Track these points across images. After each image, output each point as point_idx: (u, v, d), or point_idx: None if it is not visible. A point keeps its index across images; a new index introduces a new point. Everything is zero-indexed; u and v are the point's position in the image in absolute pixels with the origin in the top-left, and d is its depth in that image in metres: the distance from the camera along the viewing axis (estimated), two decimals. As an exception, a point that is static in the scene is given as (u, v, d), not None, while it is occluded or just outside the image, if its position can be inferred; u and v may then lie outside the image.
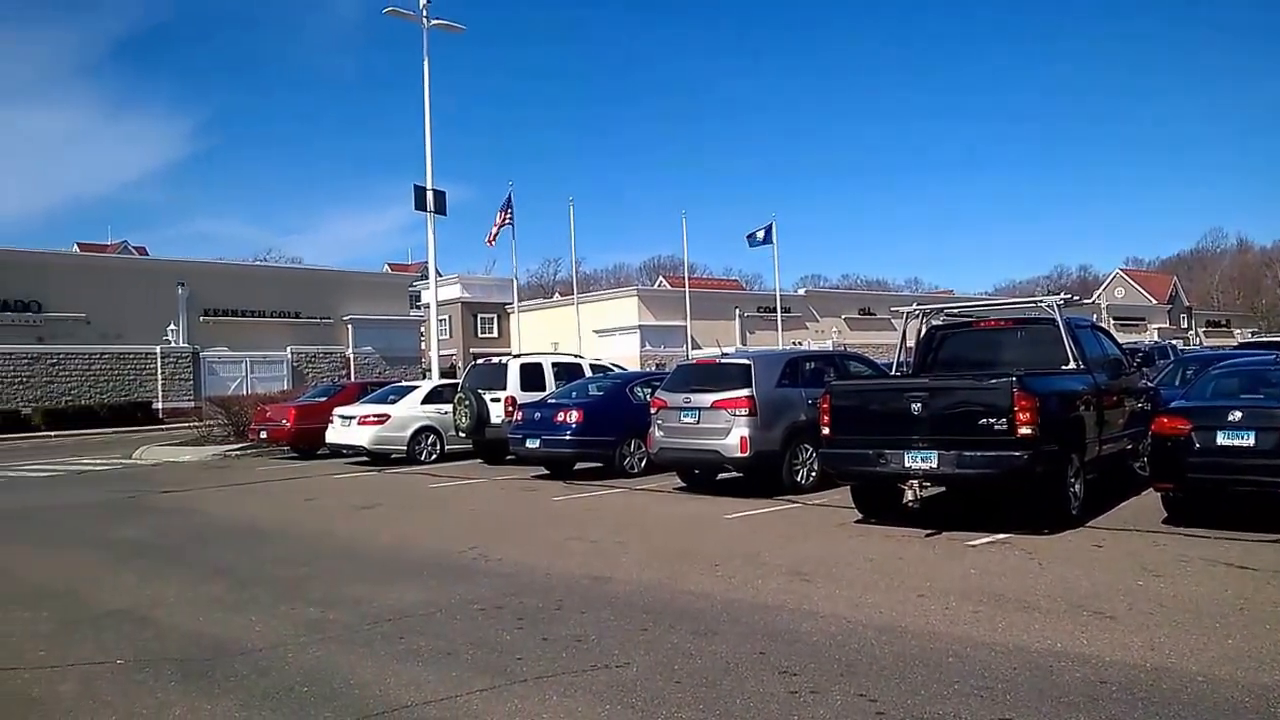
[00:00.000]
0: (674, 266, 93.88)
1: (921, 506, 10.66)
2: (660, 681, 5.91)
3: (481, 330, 74.42)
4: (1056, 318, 12.16)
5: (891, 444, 10.68)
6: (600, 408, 17.90)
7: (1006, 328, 13.32)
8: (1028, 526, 10.38)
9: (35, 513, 15.76)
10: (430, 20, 29.95)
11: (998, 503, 11.50)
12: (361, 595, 8.71)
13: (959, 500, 12.33)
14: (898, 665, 6.07)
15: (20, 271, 43.18)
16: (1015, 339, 12.98)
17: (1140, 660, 6.06)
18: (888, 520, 11.26)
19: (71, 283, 44.26)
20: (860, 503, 11.86)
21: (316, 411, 24.59)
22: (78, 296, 43.94)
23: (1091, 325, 13.49)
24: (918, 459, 10.44)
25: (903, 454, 10.54)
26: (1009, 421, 9.98)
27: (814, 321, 70.39)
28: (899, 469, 10.58)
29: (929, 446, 10.41)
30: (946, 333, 13.67)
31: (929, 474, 10.48)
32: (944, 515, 11.40)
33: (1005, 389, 10.10)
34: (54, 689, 6.26)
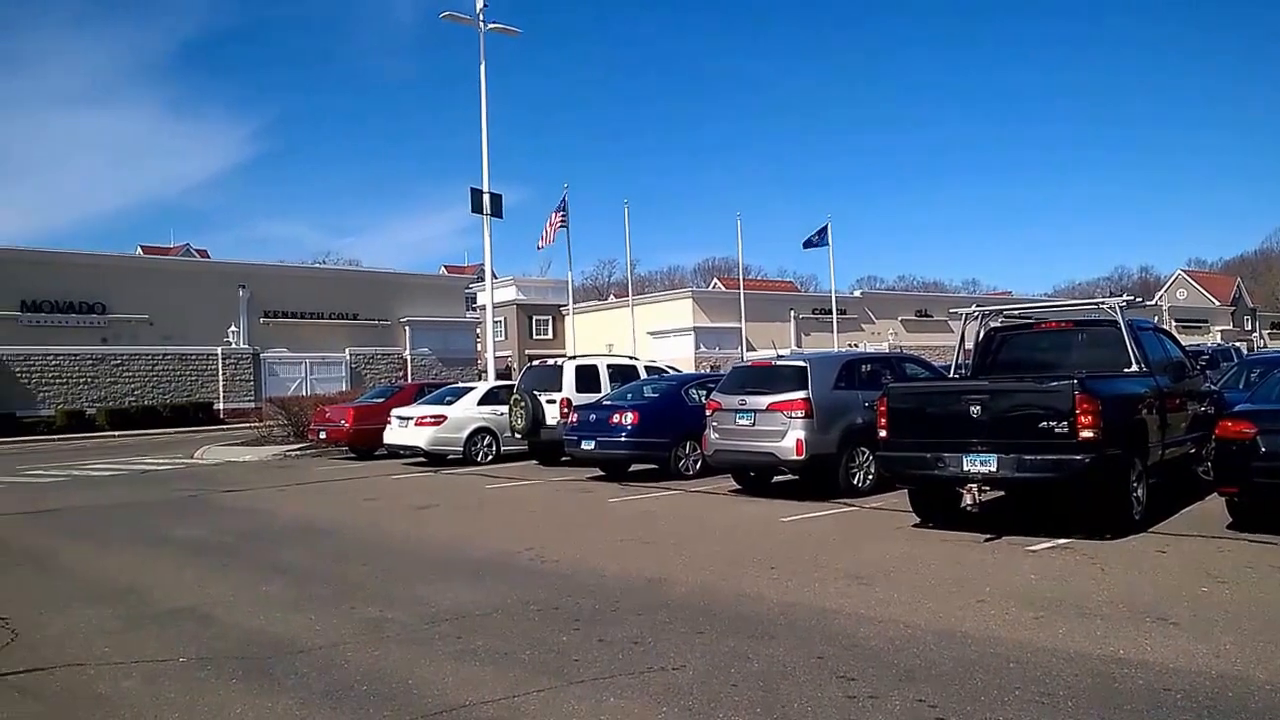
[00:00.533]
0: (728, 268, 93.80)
1: (980, 510, 10.50)
2: (716, 685, 5.89)
3: (536, 332, 74.71)
4: (1119, 319, 11.96)
5: (950, 447, 10.54)
6: (655, 410, 17.91)
7: (1067, 329, 13.17)
8: (1089, 531, 10.22)
9: (100, 511, 16.06)
10: (486, 24, 30.21)
11: (1058, 507, 11.35)
12: (420, 595, 8.78)
13: (1018, 504, 12.18)
14: (958, 671, 6.00)
15: (85, 274, 44.14)
16: (1076, 341, 12.81)
17: (1205, 668, 5.94)
18: (945, 524, 11.13)
19: (135, 285, 45.17)
20: (918, 506, 11.70)
21: (374, 412, 24.84)
22: (141, 298, 44.82)
23: (1154, 327, 13.25)
24: (976, 462, 10.30)
25: (961, 457, 10.40)
26: (1070, 424, 9.81)
27: (870, 323, 69.94)
28: (957, 472, 10.44)
29: (988, 450, 10.25)
30: (1006, 334, 13.48)
31: (988, 478, 10.32)
32: (1003, 519, 11.26)
33: (1067, 391, 9.93)
34: (118, 686, 6.36)
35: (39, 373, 41.59)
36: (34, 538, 13.26)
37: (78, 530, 13.96)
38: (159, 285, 46.13)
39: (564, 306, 63.36)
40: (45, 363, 41.79)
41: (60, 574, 10.62)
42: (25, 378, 41.22)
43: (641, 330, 55.79)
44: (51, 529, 14.12)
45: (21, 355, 41.23)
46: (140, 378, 44.06)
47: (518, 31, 31.41)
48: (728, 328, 63.06)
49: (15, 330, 41.80)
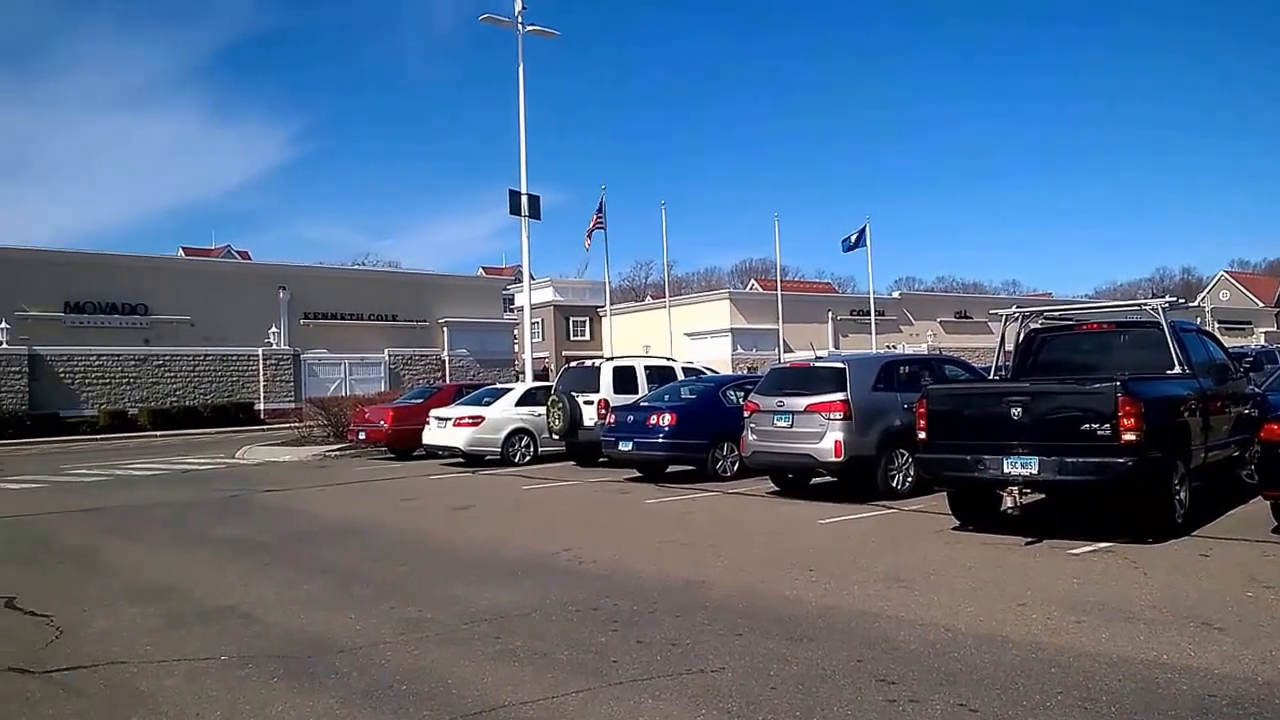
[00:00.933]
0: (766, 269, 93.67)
1: (1020, 513, 10.39)
2: (755, 687, 5.87)
3: (573, 333, 74.97)
4: (1161, 321, 11.80)
5: (990, 449, 10.42)
6: (693, 411, 17.89)
7: (1108, 331, 13.04)
8: (1131, 535, 10.09)
9: (142, 510, 16.25)
10: (525, 27, 30.28)
11: (1099, 510, 11.23)
12: (458, 595, 8.81)
13: (1059, 507, 12.05)
14: (999, 675, 5.95)
15: (128, 275, 44.72)
16: (1117, 343, 12.69)
17: (1251, 674, 5.85)
18: (985, 527, 11.04)
19: (177, 286, 45.71)
20: (957, 509, 11.61)
21: (413, 413, 24.96)
22: (183, 299, 45.36)
23: (1196, 329, 13.09)
24: (1017, 465, 10.18)
25: (1002, 460, 10.28)
26: (1113, 427, 9.67)
27: (908, 325, 69.60)
28: (998, 475, 10.32)
29: (1029, 452, 10.12)
30: (1046, 336, 13.37)
31: (1029, 480, 10.19)
32: (1043, 522, 11.14)
33: (1109, 394, 9.79)
34: (161, 683, 6.42)
35: (82, 373, 42.12)
36: (77, 536, 13.43)
37: (120, 529, 14.12)
38: (201, 286, 46.65)
39: (601, 308, 63.40)
40: (88, 363, 42.32)
41: (103, 572, 10.74)
42: (69, 378, 41.76)
43: (678, 331, 55.83)
44: (94, 528, 14.30)
45: (65, 355, 41.78)
46: (182, 378, 44.52)
47: (556, 34, 31.46)
48: (765, 329, 62.99)
49: (59, 331, 42.38)
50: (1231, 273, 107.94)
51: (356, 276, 58.54)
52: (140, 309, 44.58)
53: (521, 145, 30.45)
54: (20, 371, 40.34)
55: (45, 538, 13.34)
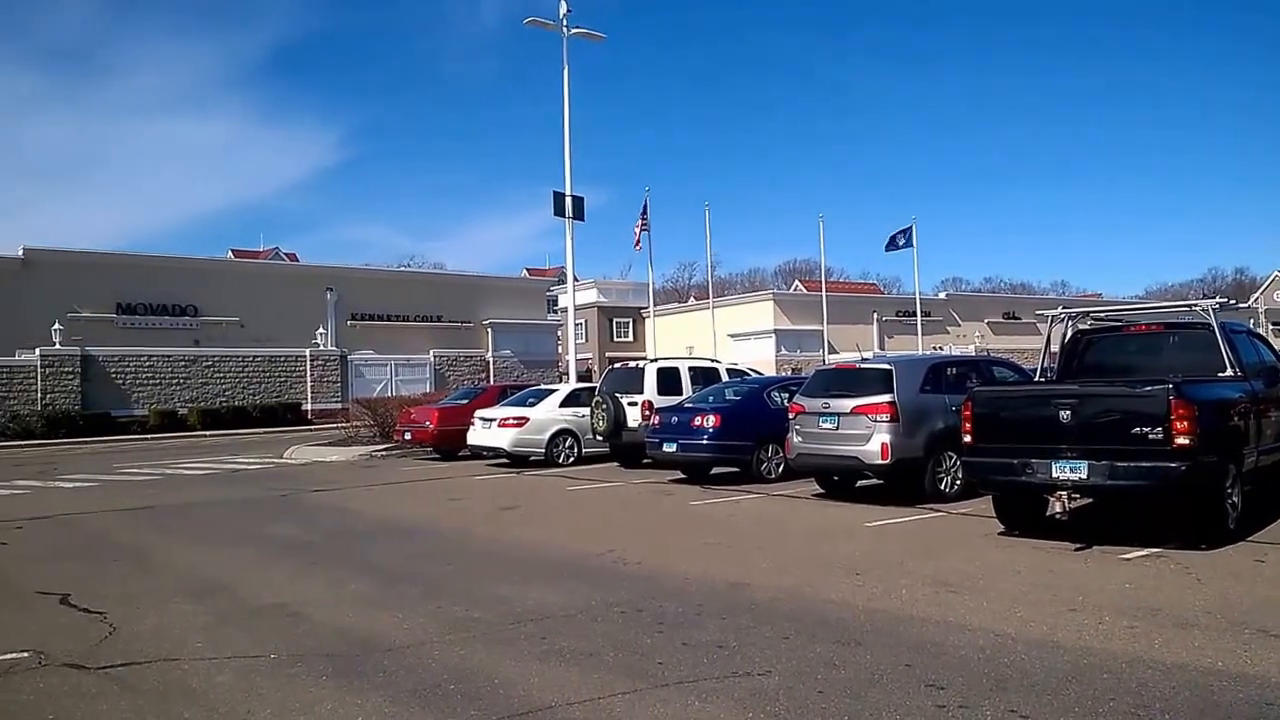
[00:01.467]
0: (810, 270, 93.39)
1: (1068, 519, 10.23)
2: (803, 691, 5.83)
3: (617, 334, 75.03)
4: (1212, 322, 11.55)
5: (1038, 453, 10.22)
6: (738, 412, 17.84)
7: (1156, 332, 12.81)
8: (1182, 542, 9.90)
9: (192, 509, 16.45)
10: (570, 29, 30.31)
11: (1149, 516, 11.05)
12: (504, 595, 8.83)
13: (1107, 512, 11.87)
14: (1050, 681, 5.87)
15: (178, 276, 45.41)
16: (1166, 344, 12.46)
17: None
18: (1031, 532, 10.90)
19: (226, 287, 46.33)
20: (1002, 514, 11.41)
21: (458, 414, 25.06)
22: (232, 301, 45.96)
23: (1247, 330, 12.85)
24: (1066, 469, 9.99)
25: (1050, 464, 10.09)
26: (1165, 431, 9.44)
27: (955, 326, 69.05)
28: (1046, 479, 10.13)
29: (1078, 456, 9.92)
30: (1093, 337, 13.16)
31: (1078, 485, 10.00)
32: (1091, 527, 10.96)
33: (1162, 396, 9.54)
34: (212, 680, 6.48)
35: (133, 373, 42.73)
36: (129, 534, 13.61)
37: (171, 527, 14.30)
38: (250, 288, 47.26)
39: (644, 309, 63.50)
40: (139, 363, 42.92)
41: (155, 570, 10.87)
42: (120, 378, 42.38)
43: (722, 332, 55.67)
44: (146, 526, 14.49)
45: (117, 356, 42.41)
46: (231, 379, 45.05)
47: (602, 37, 31.49)
48: (809, 330, 62.72)
49: (111, 332, 43.07)
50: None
51: (402, 278, 59.08)
52: (190, 310, 45.22)
53: (566, 147, 30.57)
54: (73, 372, 41.00)
55: (98, 535, 13.53)
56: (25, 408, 39.58)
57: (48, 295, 41.43)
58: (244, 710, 5.86)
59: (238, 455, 28.98)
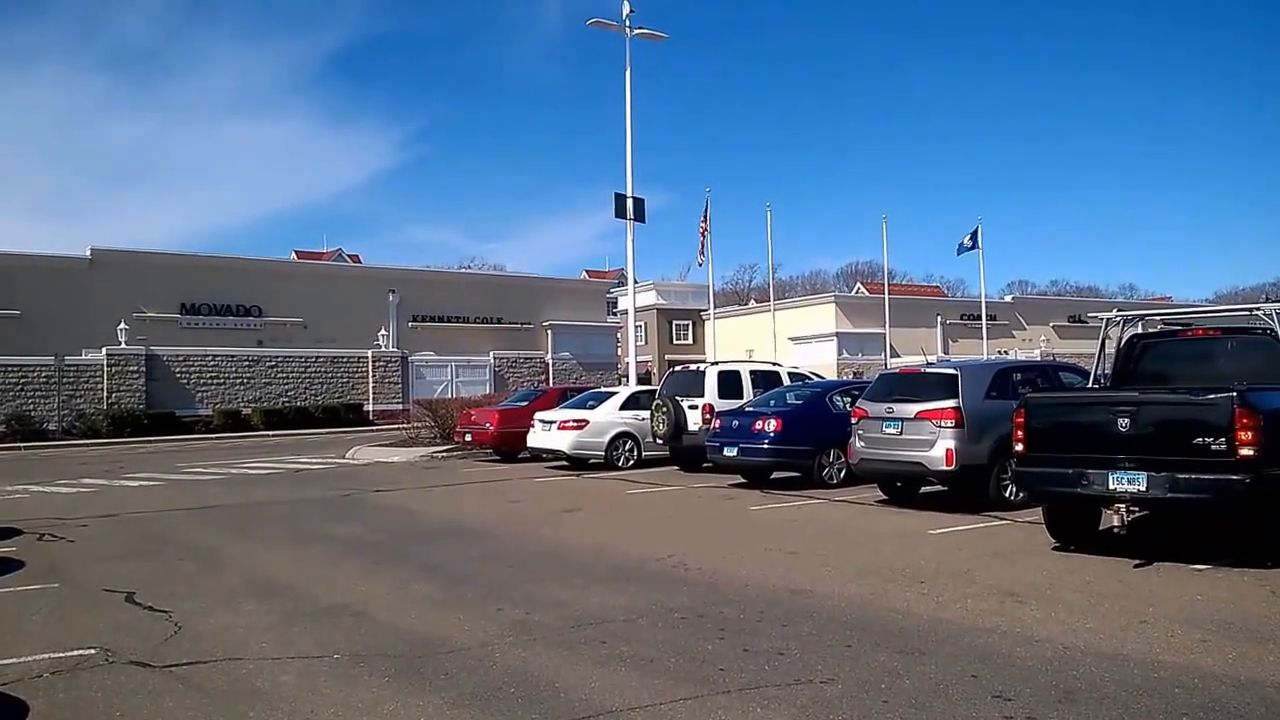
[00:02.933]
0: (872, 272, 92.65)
1: (1126, 533, 9.81)
2: (868, 700, 5.75)
3: (676, 337, 75.02)
4: (1275, 327, 11.02)
5: (1094, 463, 9.82)
6: (799, 417, 17.71)
7: (1215, 337, 12.29)
8: (1247, 558, 9.48)
9: (256, 509, 16.68)
10: (633, 30, 30.29)
11: (1209, 531, 10.72)
12: (565, 598, 8.84)
13: (1164, 526, 11.51)
14: (1120, 694, 5.74)
15: (242, 277, 46.15)
16: (1225, 350, 11.96)
17: (1397, 703, 5.55)
18: (1086, 547, 10.53)
19: (289, 288, 47.03)
20: (1055, 527, 10.96)
21: (518, 416, 25.15)
22: (295, 302, 46.62)
23: None
24: (1124, 480, 9.56)
25: (1107, 475, 9.67)
26: (1229, 441, 8.98)
27: (1021, 330, 68.13)
28: (1102, 491, 9.73)
29: (1136, 467, 9.49)
30: (1149, 342, 12.73)
31: (1136, 497, 9.55)
32: (1150, 543, 10.64)
33: (1225, 405, 9.10)
34: (276, 680, 6.54)
35: (197, 373, 43.35)
36: (194, 534, 13.81)
37: (236, 527, 14.50)
38: (312, 289, 47.90)
39: (704, 311, 63.41)
40: (203, 364, 43.54)
41: (219, 569, 11.01)
42: (184, 378, 43.03)
43: (782, 335, 55.44)
44: (211, 525, 14.70)
45: (181, 356, 43.07)
46: (294, 379, 45.58)
47: (664, 36, 31.42)
48: (871, 333, 62.18)
49: (175, 332, 43.84)
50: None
51: (462, 280, 59.50)
52: (254, 311, 45.93)
53: (628, 148, 30.51)
54: (138, 371, 41.70)
55: (163, 534, 13.74)
56: (91, 407, 40.26)
57: (114, 295, 42.23)
58: (307, 710, 5.90)
59: (300, 455, 29.33)
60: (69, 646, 7.46)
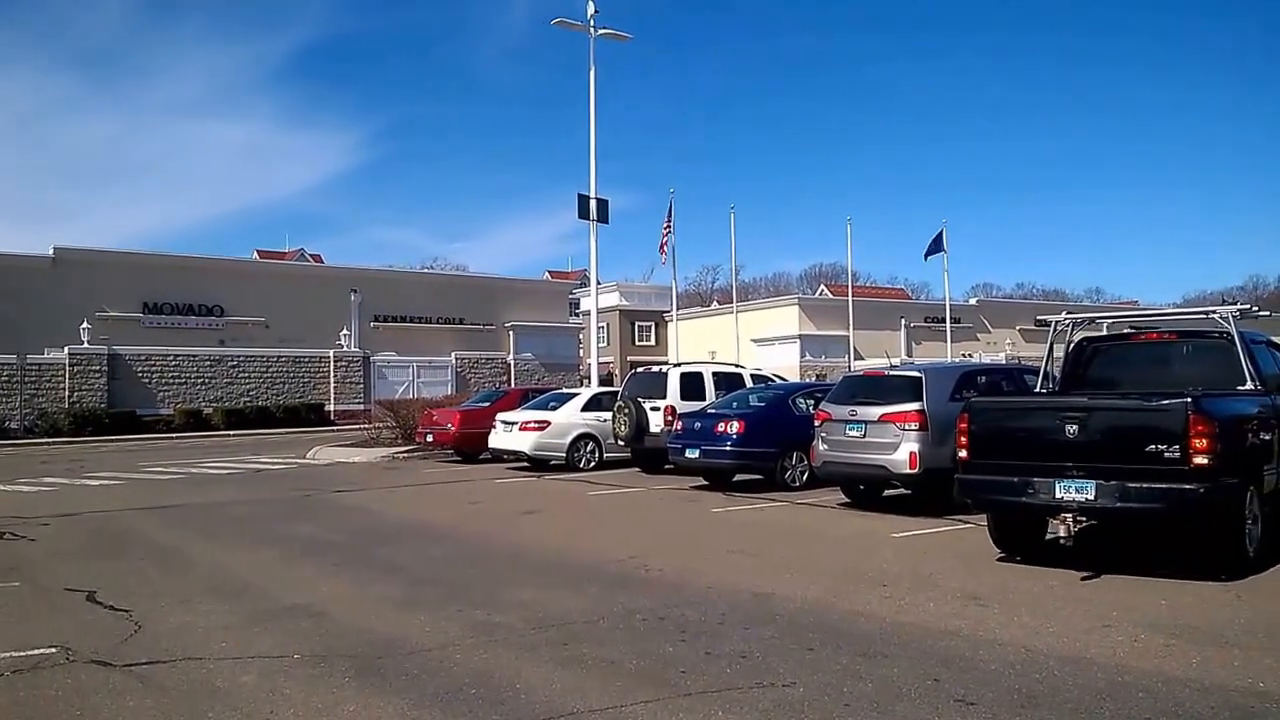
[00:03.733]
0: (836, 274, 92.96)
1: (1072, 544, 9.38)
2: (829, 704, 5.74)
3: (639, 338, 75.10)
4: (1232, 331, 10.77)
5: (1041, 471, 9.48)
6: (762, 419, 17.73)
7: (1169, 341, 11.97)
8: (1198, 572, 9.21)
9: (217, 508, 16.50)
10: (597, 30, 30.23)
11: (1160, 541, 10.57)
12: (526, 600, 8.79)
13: (1114, 536, 11.21)
14: (1083, 699, 5.75)
15: (205, 277, 45.79)
16: (1179, 354, 11.64)
17: (1355, 706, 5.60)
18: (1033, 558, 10.19)
19: (251, 288, 46.67)
20: (999, 537, 10.55)
21: (480, 417, 25.07)
22: (257, 301, 46.27)
23: (1267, 341, 12.05)
24: (1071, 489, 9.22)
25: (1054, 483, 9.33)
26: (1182, 449, 8.68)
27: (985, 333, 68.64)
28: (1049, 500, 9.35)
29: (1085, 475, 9.17)
30: (1099, 346, 12.39)
31: (1084, 507, 9.19)
32: (1099, 554, 10.45)
33: (1179, 411, 8.79)
34: (236, 680, 6.47)
35: (159, 373, 42.94)
36: (155, 533, 13.65)
37: (196, 526, 14.33)
38: (275, 289, 47.58)
39: (667, 313, 63.36)
40: (165, 363, 43.14)
41: (180, 568, 10.88)
42: (146, 377, 42.60)
43: (745, 337, 55.61)
44: (171, 525, 14.52)
45: (143, 355, 42.64)
46: (255, 379, 45.23)
47: (629, 37, 31.38)
48: (835, 335, 62.49)
49: (138, 331, 43.38)
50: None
51: (425, 280, 59.20)
52: (216, 310, 45.57)
53: (591, 149, 30.40)
54: (100, 370, 41.26)
55: (124, 534, 13.57)
56: (53, 406, 39.81)
57: (76, 294, 41.73)
58: (267, 710, 5.83)
59: (261, 455, 29.10)
60: (30, 646, 7.37)
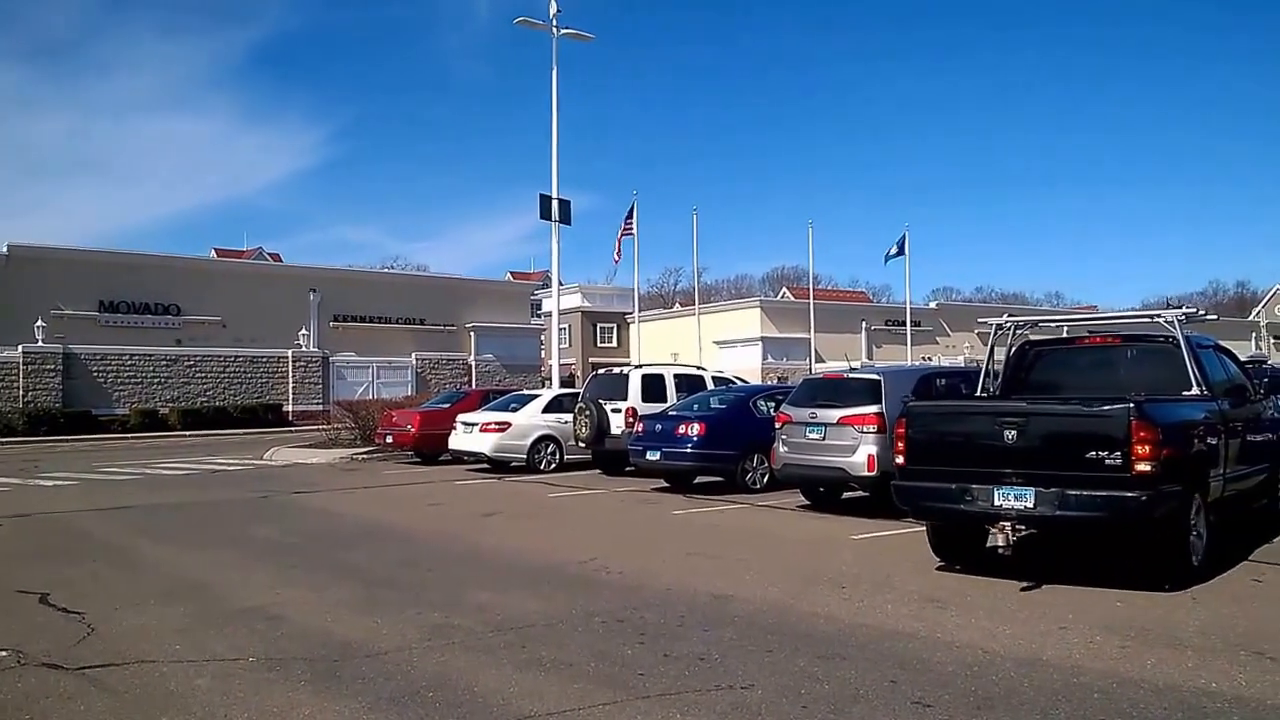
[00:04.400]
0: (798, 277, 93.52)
1: (1010, 553, 9.09)
2: (786, 706, 5.75)
3: (601, 340, 75.06)
4: (1177, 335, 10.60)
5: (979, 478, 9.17)
6: (723, 421, 17.76)
7: (1114, 345, 11.74)
8: (1141, 583, 8.96)
9: (173, 510, 16.32)
10: (560, 30, 30.21)
11: (1103, 551, 10.34)
12: (484, 602, 8.75)
13: (1057, 544, 10.97)
14: (1038, 700, 5.79)
15: (161, 275, 45.20)
16: (1124, 359, 11.45)
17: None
18: (974, 568, 9.80)
19: (209, 287, 46.15)
20: (938, 545, 10.26)
21: (440, 418, 24.93)
22: (215, 301, 45.75)
23: (1214, 345, 11.96)
24: (1010, 497, 8.92)
25: (992, 490, 9.02)
26: (1124, 456, 8.43)
27: (945, 336, 69.11)
28: (987, 508, 9.05)
29: (1024, 482, 8.87)
30: (1042, 349, 12.09)
31: (1023, 515, 8.92)
32: (1041, 563, 10.44)
33: (1121, 417, 8.53)
34: (190, 683, 6.40)
35: (115, 372, 42.44)
36: (109, 534, 13.48)
37: (151, 528, 14.17)
38: (233, 288, 47.04)
39: (629, 314, 63.50)
40: (121, 362, 42.64)
41: (134, 570, 10.77)
42: (102, 377, 42.09)
43: (707, 339, 55.70)
44: (126, 526, 14.34)
45: (99, 355, 42.12)
46: (212, 379, 44.79)
47: (591, 37, 31.44)
48: (796, 338, 62.77)
49: (93, 330, 42.78)
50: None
51: (385, 280, 58.89)
52: (173, 309, 44.99)
53: (553, 149, 30.37)
54: (55, 369, 40.73)
55: (78, 535, 13.41)
56: (7, 405, 39.24)
57: (31, 292, 41.10)
58: (221, 714, 5.78)
59: (218, 456, 28.82)
60: (-21, 649, 7.25)
